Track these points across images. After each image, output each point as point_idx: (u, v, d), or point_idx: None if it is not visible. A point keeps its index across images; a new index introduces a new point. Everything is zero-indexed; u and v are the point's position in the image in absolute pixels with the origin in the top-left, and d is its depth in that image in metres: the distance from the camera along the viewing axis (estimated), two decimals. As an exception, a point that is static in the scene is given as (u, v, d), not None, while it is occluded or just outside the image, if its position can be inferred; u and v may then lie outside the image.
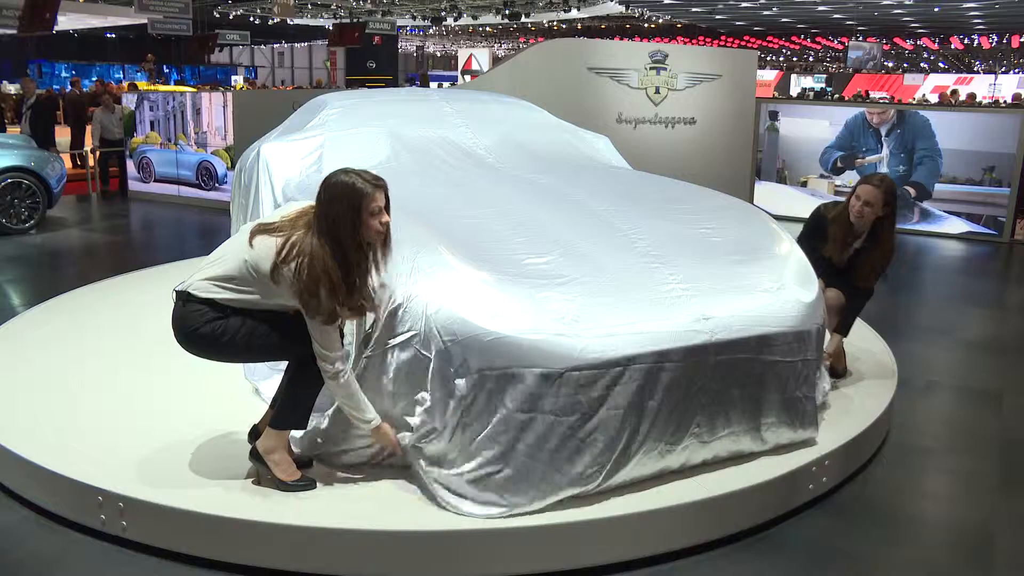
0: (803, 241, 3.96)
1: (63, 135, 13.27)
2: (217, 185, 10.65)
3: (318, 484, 2.94)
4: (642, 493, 2.89)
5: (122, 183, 11.99)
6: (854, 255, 4.04)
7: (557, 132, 5.19)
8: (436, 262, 2.99)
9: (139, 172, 11.63)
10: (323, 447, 3.07)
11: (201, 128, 10.75)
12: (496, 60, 31.54)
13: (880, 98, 24.21)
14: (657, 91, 8.86)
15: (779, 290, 3.28)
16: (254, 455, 2.94)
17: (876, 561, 2.87)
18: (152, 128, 11.38)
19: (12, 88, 22.60)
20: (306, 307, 2.69)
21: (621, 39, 25.01)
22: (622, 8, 26.22)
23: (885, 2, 23.74)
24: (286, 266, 2.65)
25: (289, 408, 2.90)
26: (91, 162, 11.95)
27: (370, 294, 2.83)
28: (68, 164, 10.72)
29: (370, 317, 2.93)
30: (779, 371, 3.15)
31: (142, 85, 16.76)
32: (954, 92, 21.18)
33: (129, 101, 11.80)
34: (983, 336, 5.69)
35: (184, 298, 2.79)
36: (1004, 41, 34.15)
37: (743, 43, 36.07)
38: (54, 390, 3.77)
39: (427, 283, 2.90)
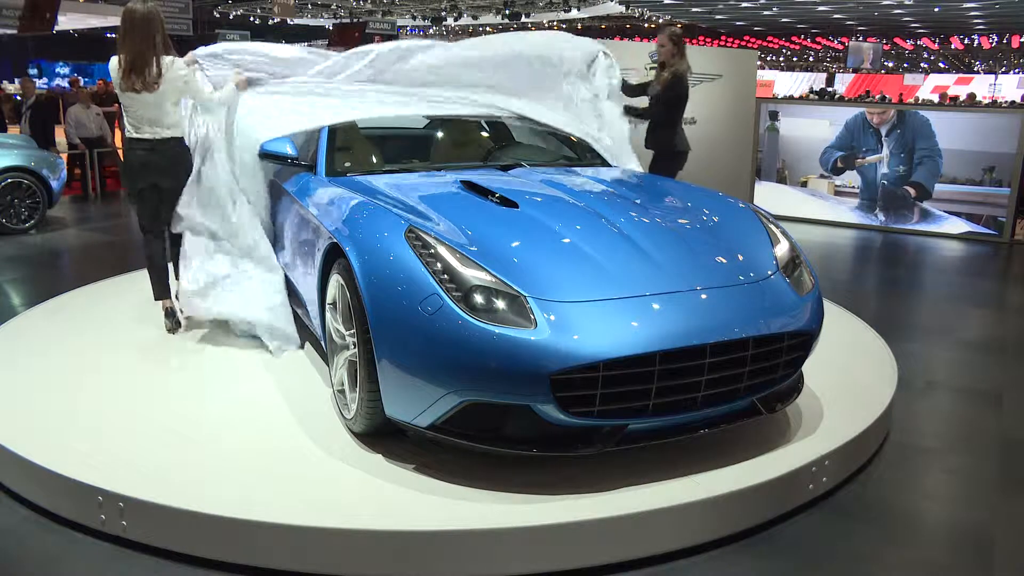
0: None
1: (63, 135, 13.25)
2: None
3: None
4: (642, 493, 2.89)
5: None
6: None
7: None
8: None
9: None
10: None
11: None
12: (496, 60, 31.40)
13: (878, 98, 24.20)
14: (657, 91, 8.82)
15: None
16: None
17: (876, 561, 2.86)
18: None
19: (12, 88, 22.58)
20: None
21: (621, 39, 24.99)
22: (622, 8, 26.23)
23: (885, 2, 23.75)
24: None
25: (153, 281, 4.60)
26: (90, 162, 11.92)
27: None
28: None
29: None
30: None
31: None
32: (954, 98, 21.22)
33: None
34: (983, 336, 5.69)
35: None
36: (1004, 41, 34.15)
37: (743, 43, 36.07)
38: (54, 390, 3.77)
39: None
